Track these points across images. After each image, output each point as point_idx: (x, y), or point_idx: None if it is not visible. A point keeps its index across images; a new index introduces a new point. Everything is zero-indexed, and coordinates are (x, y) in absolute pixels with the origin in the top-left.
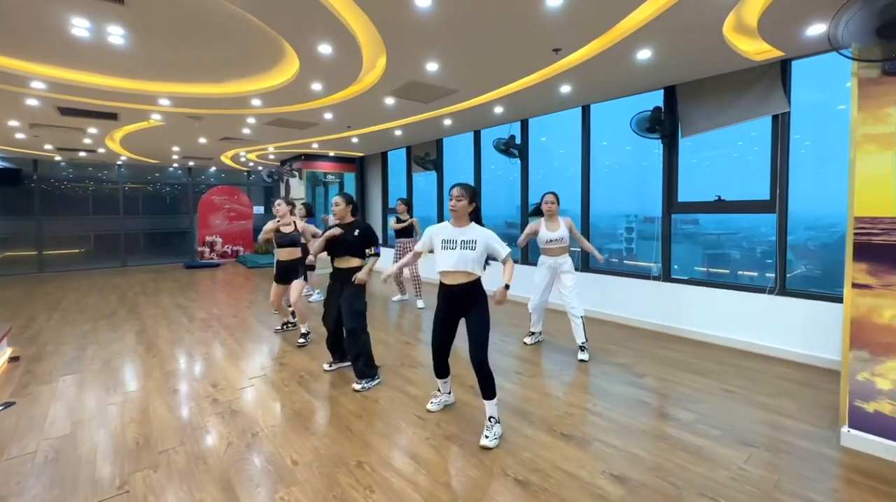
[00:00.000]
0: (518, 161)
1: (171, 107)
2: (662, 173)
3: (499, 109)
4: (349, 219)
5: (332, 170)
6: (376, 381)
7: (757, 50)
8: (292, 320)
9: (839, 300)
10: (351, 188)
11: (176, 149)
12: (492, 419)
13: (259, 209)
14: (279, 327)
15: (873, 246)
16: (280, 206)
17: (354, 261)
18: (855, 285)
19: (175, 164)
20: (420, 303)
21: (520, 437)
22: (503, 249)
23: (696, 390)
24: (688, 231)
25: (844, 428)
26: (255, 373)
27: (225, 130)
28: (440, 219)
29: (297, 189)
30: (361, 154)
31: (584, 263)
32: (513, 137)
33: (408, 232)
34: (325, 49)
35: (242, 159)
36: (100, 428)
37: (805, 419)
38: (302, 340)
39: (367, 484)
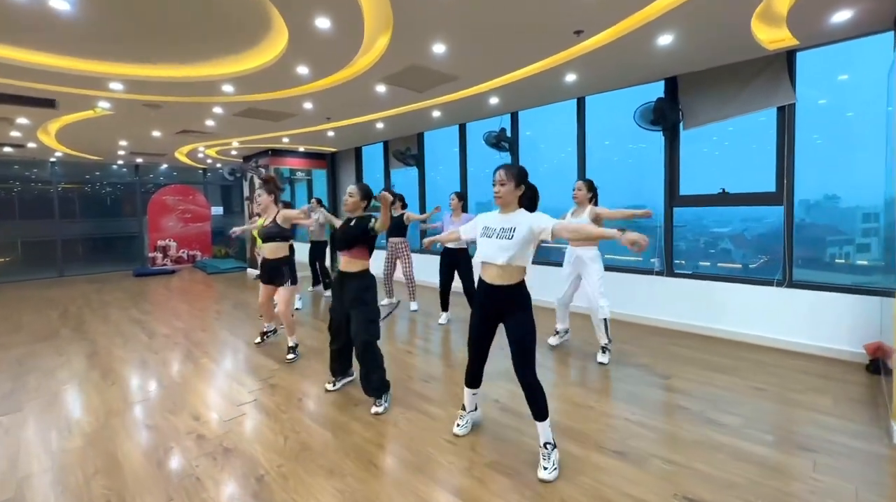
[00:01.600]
0: (508, 155)
1: (125, 92)
2: (664, 166)
3: (494, 100)
4: (359, 213)
5: (302, 167)
6: (389, 396)
7: (772, 38)
8: (272, 330)
9: (844, 291)
10: (321, 186)
11: (124, 143)
12: (548, 446)
13: (218, 210)
14: (259, 339)
15: None
16: (260, 197)
17: (359, 264)
18: None
19: (120, 162)
20: (413, 306)
21: (570, 459)
22: (548, 222)
23: (727, 390)
24: (639, 223)
25: None
26: (243, 399)
27: (186, 122)
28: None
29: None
30: (334, 149)
31: None
32: (503, 130)
33: (401, 231)
34: (322, 23)
35: (200, 156)
36: (55, 485)
37: (845, 415)
38: (291, 355)
39: None
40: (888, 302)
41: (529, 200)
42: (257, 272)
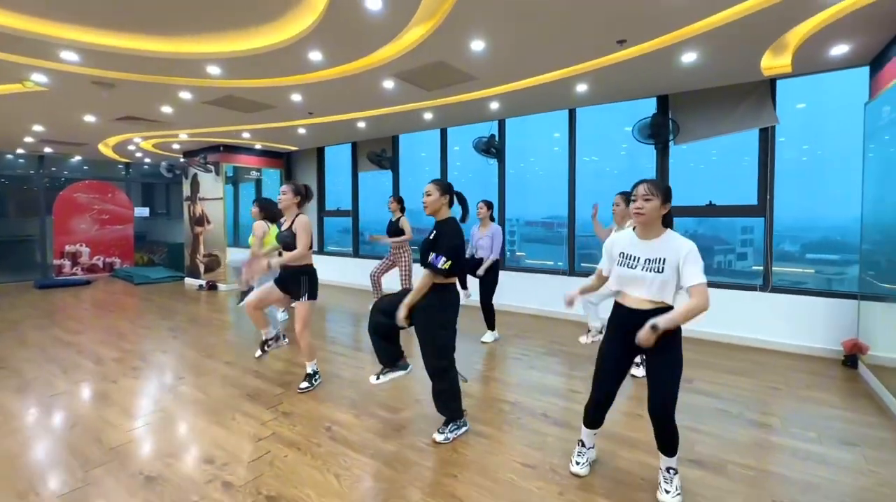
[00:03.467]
0: (496, 162)
1: (79, 65)
2: (656, 177)
3: (494, 105)
4: (445, 214)
5: (255, 166)
6: (465, 429)
7: (772, 65)
8: (273, 337)
9: (817, 294)
10: (274, 187)
11: (38, 128)
12: (670, 470)
13: (142, 211)
14: (259, 352)
15: None
16: (285, 195)
17: (430, 278)
18: None
19: (20, 150)
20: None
21: (654, 471)
22: (695, 276)
23: (748, 390)
24: (563, 234)
25: None
26: (257, 432)
27: (137, 107)
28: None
29: (213, 186)
30: (294, 148)
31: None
32: (493, 137)
33: (399, 234)
34: (373, 3)
35: (130, 148)
36: None
37: (857, 409)
38: (305, 384)
39: None
40: (865, 304)
41: (669, 216)
42: (200, 282)
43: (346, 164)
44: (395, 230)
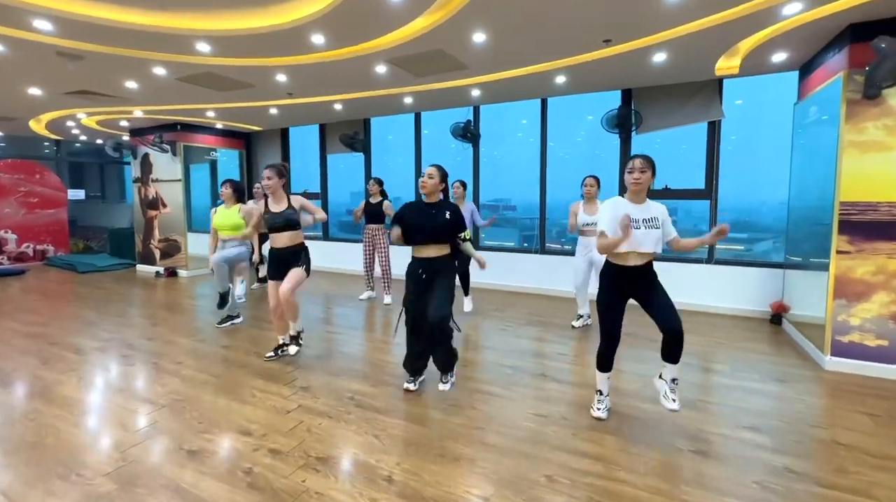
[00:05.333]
0: (471, 146)
1: (51, 35)
2: (619, 163)
3: (476, 93)
4: (438, 197)
5: (214, 146)
6: (455, 375)
7: (722, 66)
8: (288, 342)
9: (753, 265)
10: (233, 168)
11: None
12: (675, 381)
13: (77, 194)
14: (272, 353)
15: (852, 223)
16: (271, 180)
17: (445, 249)
18: (839, 252)
19: None
20: (387, 299)
21: (718, 437)
22: (673, 228)
23: (701, 346)
24: (508, 216)
25: (828, 357)
26: (284, 405)
27: (99, 82)
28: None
29: (170, 167)
30: (258, 128)
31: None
32: (469, 122)
33: (379, 216)
34: None
35: (69, 124)
36: None
37: (785, 355)
38: (295, 348)
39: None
40: (790, 272)
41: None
42: (157, 268)
43: (311, 146)
44: (375, 212)
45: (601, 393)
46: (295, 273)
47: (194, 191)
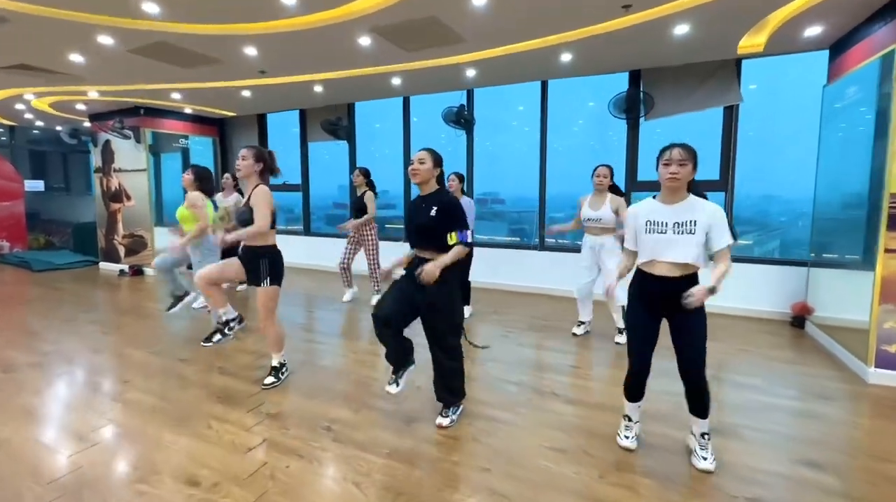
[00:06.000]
0: (464, 133)
1: None
2: (626, 152)
3: (471, 73)
4: (433, 187)
5: (184, 132)
6: (461, 408)
7: (746, 44)
8: (234, 317)
9: (773, 263)
10: (207, 156)
11: None
12: (705, 436)
13: (35, 185)
14: (217, 336)
15: None
16: (245, 161)
17: (438, 255)
18: (887, 250)
19: None
20: (376, 300)
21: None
22: (726, 238)
23: (723, 354)
24: (496, 209)
25: (871, 369)
26: (245, 441)
27: (36, 53)
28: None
29: (134, 156)
30: (232, 113)
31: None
32: (463, 107)
33: (365, 209)
34: None
35: (19, 107)
36: None
37: (817, 364)
38: (272, 379)
39: None
40: (815, 271)
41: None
42: (120, 267)
43: (291, 134)
44: (361, 206)
45: (629, 420)
46: (261, 297)
47: (165, 181)
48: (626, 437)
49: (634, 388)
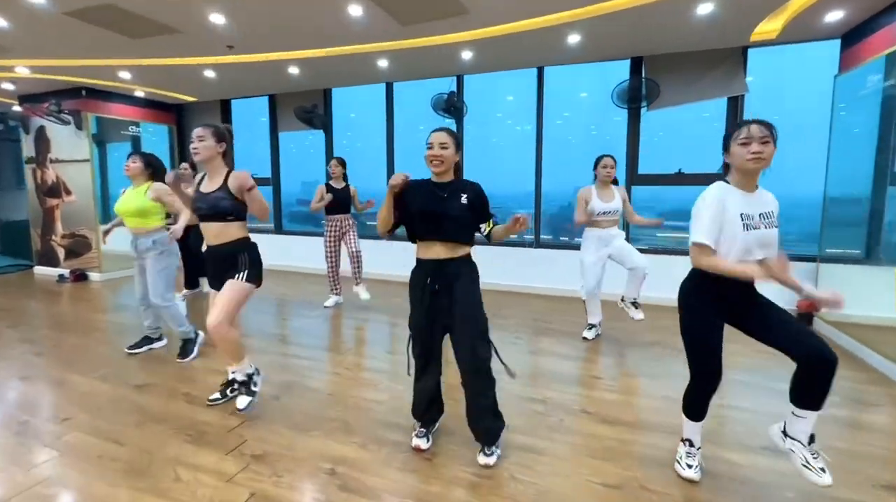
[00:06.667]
0: (453, 122)
1: None
2: (627, 144)
3: (467, 55)
4: (450, 175)
5: (134, 118)
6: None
7: (762, 30)
8: (248, 374)
9: None
10: (161, 146)
11: None
12: (814, 439)
13: None
14: (218, 395)
15: None
16: (203, 141)
17: (462, 249)
18: None
19: None
20: (364, 295)
21: (756, 473)
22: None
23: (747, 356)
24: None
25: None
26: (227, 498)
27: None
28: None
29: (75, 144)
30: (192, 98)
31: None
32: (453, 94)
33: (344, 204)
34: None
35: None
36: None
37: (844, 365)
38: (246, 400)
39: None
40: (825, 266)
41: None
42: (60, 271)
43: (259, 123)
44: (339, 200)
45: (691, 445)
46: (228, 291)
47: (111, 174)
48: (689, 466)
49: (702, 404)
